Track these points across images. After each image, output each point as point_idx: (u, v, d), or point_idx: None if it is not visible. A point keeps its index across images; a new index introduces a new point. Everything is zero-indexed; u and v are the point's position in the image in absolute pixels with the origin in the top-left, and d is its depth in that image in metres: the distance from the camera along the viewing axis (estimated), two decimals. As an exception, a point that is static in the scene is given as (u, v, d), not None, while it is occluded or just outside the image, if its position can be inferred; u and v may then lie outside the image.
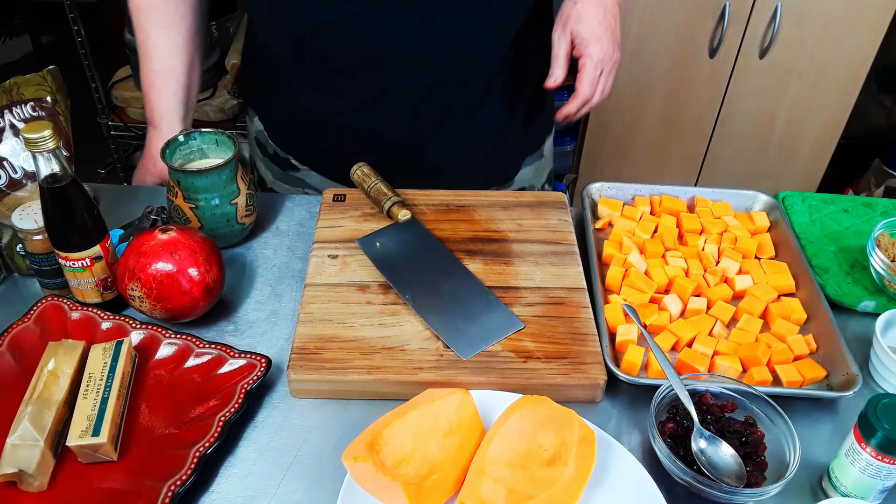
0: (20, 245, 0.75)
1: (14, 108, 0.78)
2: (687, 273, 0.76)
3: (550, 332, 0.69)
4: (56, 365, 0.64)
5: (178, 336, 0.69)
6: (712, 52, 1.59)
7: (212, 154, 0.83)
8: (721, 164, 1.75)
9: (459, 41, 0.82)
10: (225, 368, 0.66)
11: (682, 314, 0.73)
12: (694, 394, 0.63)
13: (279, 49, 0.87)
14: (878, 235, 0.78)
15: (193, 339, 0.68)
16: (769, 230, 0.83)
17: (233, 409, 0.62)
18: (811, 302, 0.73)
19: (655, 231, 0.82)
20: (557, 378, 0.65)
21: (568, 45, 0.81)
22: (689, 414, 0.61)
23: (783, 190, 0.91)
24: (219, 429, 0.60)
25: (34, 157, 0.63)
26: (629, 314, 0.70)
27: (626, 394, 0.68)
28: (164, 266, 0.67)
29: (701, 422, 0.61)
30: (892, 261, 0.76)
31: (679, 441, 0.61)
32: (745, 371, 0.68)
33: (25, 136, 0.62)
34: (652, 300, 0.73)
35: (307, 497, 0.59)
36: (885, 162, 1.87)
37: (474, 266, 0.77)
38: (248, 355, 0.67)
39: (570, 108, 0.82)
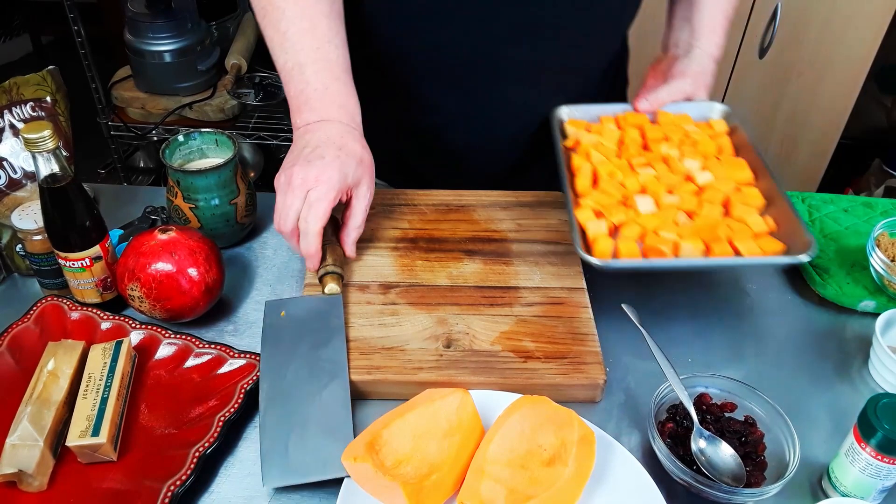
0: (20, 245, 0.75)
1: (14, 109, 0.78)
2: (658, 178, 0.77)
3: (550, 332, 0.69)
4: (56, 365, 0.64)
5: (178, 336, 0.69)
6: (712, 52, 1.58)
7: (212, 154, 0.83)
8: (721, 164, 1.75)
9: (575, 56, 0.82)
10: (224, 368, 0.66)
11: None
12: (694, 394, 0.63)
13: (394, 61, 0.82)
14: (877, 235, 0.78)
15: (193, 339, 0.68)
16: (729, 135, 0.84)
17: (232, 409, 0.62)
18: (769, 190, 0.75)
19: (622, 142, 0.82)
20: (557, 378, 0.65)
21: (669, 62, 0.85)
22: (688, 414, 0.61)
23: (783, 189, 0.91)
24: (218, 429, 0.60)
25: (34, 158, 0.63)
26: (629, 313, 0.69)
27: (625, 394, 0.68)
28: (163, 266, 0.67)
29: (700, 422, 0.61)
30: (892, 260, 0.76)
31: (679, 441, 0.61)
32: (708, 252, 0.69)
33: (25, 136, 0.62)
34: (622, 203, 0.74)
35: (307, 497, 0.59)
36: (885, 162, 1.87)
37: (474, 266, 0.77)
38: (248, 355, 0.67)
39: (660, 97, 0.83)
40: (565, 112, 0.86)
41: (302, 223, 0.67)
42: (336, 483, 0.58)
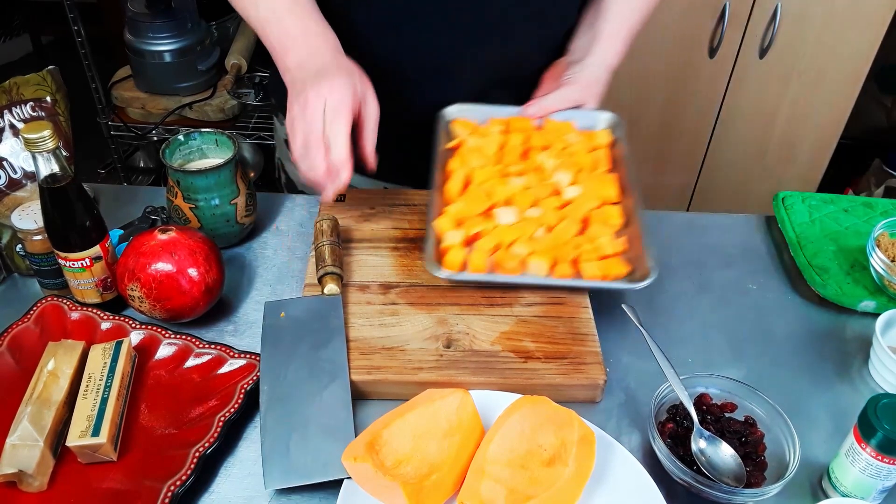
0: (20, 245, 0.75)
1: (14, 109, 0.78)
2: (526, 189, 0.77)
3: (550, 333, 0.69)
4: (56, 365, 0.64)
5: (178, 336, 0.69)
6: (712, 52, 1.59)
7: (212, 154, 0.83)
8: (721, 164, 1.75)
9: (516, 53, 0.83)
10: (224, 368, 0.66)
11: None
12: (694, 394, 0.63)
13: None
14: (877, 235, 0.78)
15: (193, 340, 0.68)
16: (610, 147, 0.84)
17: (232, 409, 0.62)
18: (630, 209, 0.75)
19: (502, 148, 0.82)
20: (557, 378, 0.65)
21: (561, 68, 0.84)
22: (688, 414, 0.61)
23: (783, 189, 0.91)
24: (218, 429, 0.60)
25: (34, 158, 0.63)
26: (629, 313, 0.69)
27: (625, 394, 0.68)
28: (163, 266, 0.67)
29: (701, 422, 0.61)
30: (892, 261, 0.76)
31: (679, 441, 0.61)
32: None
33: (25, 136, 0.62)
34: (486, 213, 0.75)
35: (307, 497, 0.59)
36: (885, 162, 1.87)
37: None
38: (248, 355, 0.67)
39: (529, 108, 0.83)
40: (453, 111, 0.85)
41: (329, 132, 0.67)
42: (337, 483, 0.58)
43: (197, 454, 0.58)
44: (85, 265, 0.70)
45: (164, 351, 0.68)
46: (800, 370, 0.71)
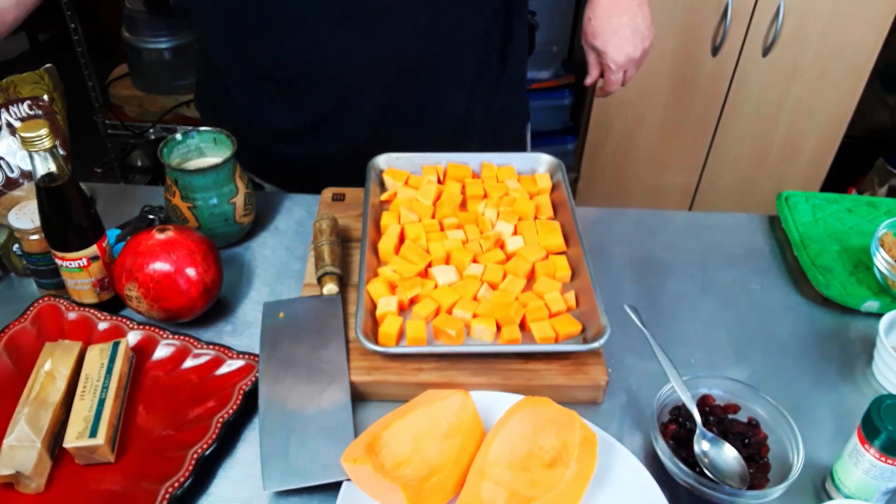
0: (17, 245, 0.74)
1: (11, 107, 0.77)
2: (465, 243, 0.74)
3: (551, 333, 0.68)
4: (53, 366, 0.63)
5: (176, 336, 0.68)
6: (715, 51, 1.58)
7: (209, 153, 0.82)
8: (724, 163, 1.75)
9: (417, 40, 0.81)
10: (223, 369, 0.66)
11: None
12: (696, 395, 0.63)
13: (232, 67, 0.86)
14: (881, 235, 0.77)
15: (191, 340, 0.68)
16: (552, 191, 0.82)
17: (231, 411, 0.62)
18: (577, 259, 0.72)
19: (438, 198, 0.80)
20: (559, 379, 0.65)
21: (595, 56, 0.91)
22: (691, 415, 0.61)
23: (786, 189, 0.91)
24: (217, 430, 0.60)
25: (31, 156, 0.63)
26: (631, 313, 0.69)
27: (628, 395, 0.67)
28: (161, 266, 0.67)
29: (704, 423, 0.61)
30: (896, 260, 0.75)
31: (682, 443, 0.61)
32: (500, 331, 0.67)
33: (22, 134, 0.61)
34: (423, 273, 0.72)
35: (306, 500, 0.58)
36: (889, 161, 1.86)
37: (474, 266, 0.76)
38: (247, 356, 0.67)
39: (604, 93, 0.95)
40: (383, 160, 0.83)
41: None
42: (336, 485, 0.57)
43: (195, 456, 0.58)
44: (82, 265, 0.69)
45: (162, 351, 0.68)
46: (803, 371, 0.71)
